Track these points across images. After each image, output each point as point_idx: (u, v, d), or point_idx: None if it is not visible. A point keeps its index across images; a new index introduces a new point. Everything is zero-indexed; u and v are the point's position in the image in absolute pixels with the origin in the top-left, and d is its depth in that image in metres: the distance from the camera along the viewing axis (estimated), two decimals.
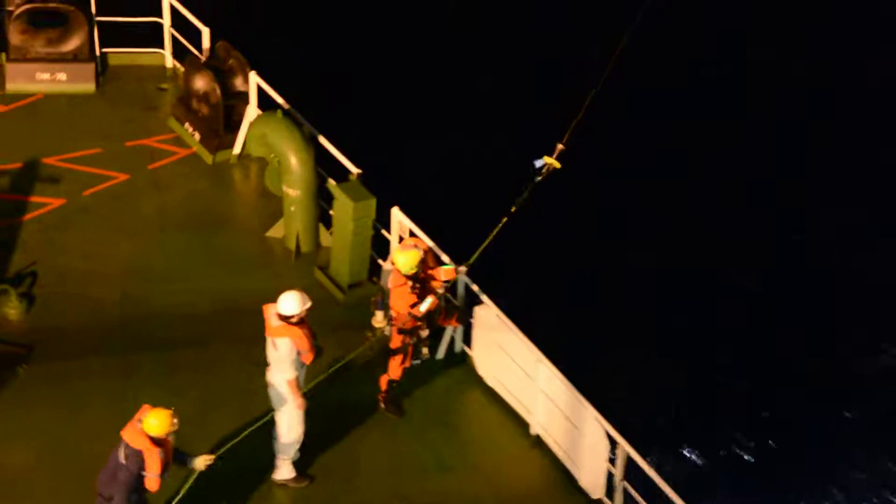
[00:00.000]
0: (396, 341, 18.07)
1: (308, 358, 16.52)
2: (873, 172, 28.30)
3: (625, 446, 16.72)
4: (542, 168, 16.71)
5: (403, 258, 17.49)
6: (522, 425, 18.67)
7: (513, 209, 16.61)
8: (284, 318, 16.28)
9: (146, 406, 15.35)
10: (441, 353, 19.60)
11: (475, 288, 19.19)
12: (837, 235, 26.75)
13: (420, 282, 17.69)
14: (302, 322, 16.40)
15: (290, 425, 16.94)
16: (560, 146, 16.52)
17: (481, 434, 18.51)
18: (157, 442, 15.06)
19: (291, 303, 16.28)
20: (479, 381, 19.28)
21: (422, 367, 18.81)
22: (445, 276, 17.61)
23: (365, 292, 20.55)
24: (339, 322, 19.78)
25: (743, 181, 27.58)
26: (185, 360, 19.01)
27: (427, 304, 17.21)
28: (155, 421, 15.08)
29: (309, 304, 16.36)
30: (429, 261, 17.98)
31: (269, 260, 21.27)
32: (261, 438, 16.73)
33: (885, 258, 26.30)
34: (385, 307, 18.21)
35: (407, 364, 18.40)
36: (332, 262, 20.74)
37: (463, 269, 17.75)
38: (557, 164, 16.46)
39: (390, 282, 17.77)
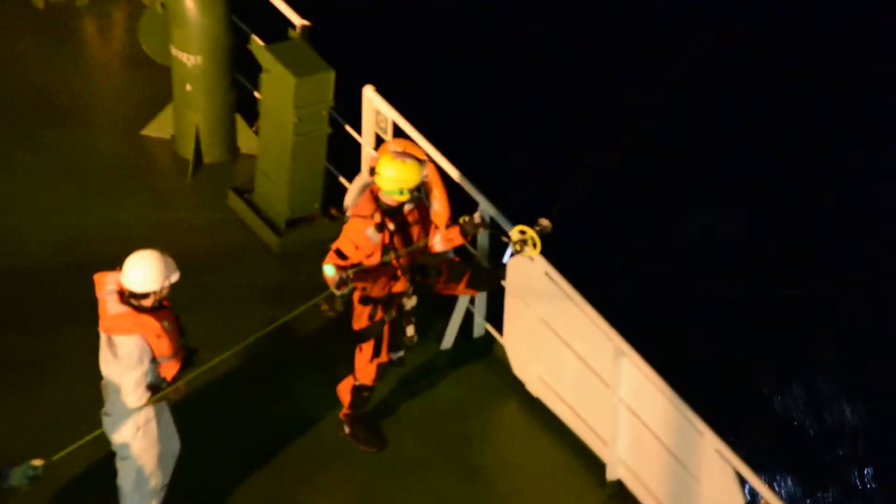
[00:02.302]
0: (361, 318, 14.57)
1: (170, 368, 13.79)
2: None
3: (772, 501, 13.98)
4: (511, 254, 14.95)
5: (393, 171, 14.09)
6: (593, 464, 15.48)
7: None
8: (132, 300, 13.66)
9: None
10: (449, 340, 16.12)
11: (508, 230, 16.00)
12: None
13: (400, 220, 14.20)
14: (161, 308, 13.74)
15: (139, 474, 14.26)
16: (544, 222, 14.37)
17: (523, 479, 15.34)
18: None
19: (145, 272, 13.61)
20: (515, 387, 16.01)
21: (413, 363, 15.77)
22: (443, 242, 14.58)
23: (316, 234, 17.11)
24: (270, 286, 16.63)
25: None
26: None
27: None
28: None
29: (175, 277, 13.73)
30: (433, 190, 14.63)
31: (147, 178, 18.23)
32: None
33: None
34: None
35: (383, 358, 14.77)
36: (260, 181, 17.50)
37: (545, 223, 14.56)
38: (534, 252, 14.46)
39: (352, 208, 14.50)
